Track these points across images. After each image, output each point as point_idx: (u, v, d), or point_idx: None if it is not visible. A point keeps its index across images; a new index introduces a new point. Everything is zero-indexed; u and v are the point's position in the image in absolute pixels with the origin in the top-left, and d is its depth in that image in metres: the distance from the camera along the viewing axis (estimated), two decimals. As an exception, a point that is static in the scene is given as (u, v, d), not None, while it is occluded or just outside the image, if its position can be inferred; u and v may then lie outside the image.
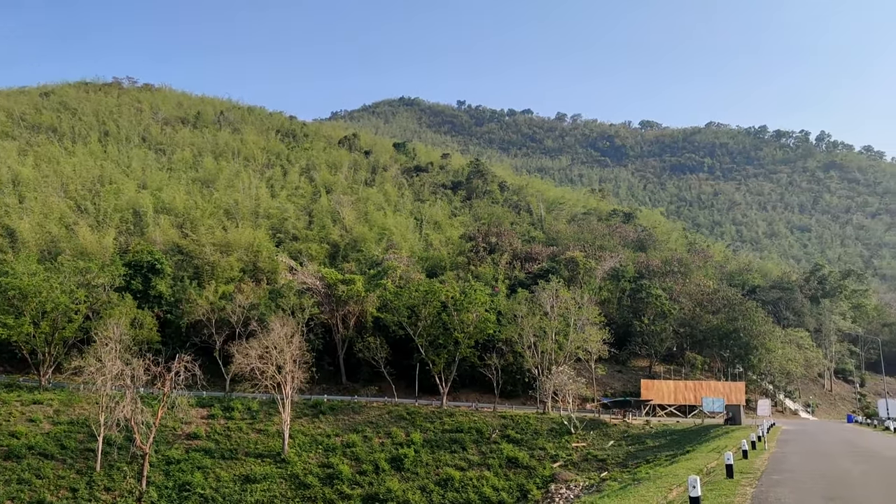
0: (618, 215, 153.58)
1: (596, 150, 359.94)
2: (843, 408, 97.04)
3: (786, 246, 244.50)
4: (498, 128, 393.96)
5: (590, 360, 74.81)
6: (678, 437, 57.03)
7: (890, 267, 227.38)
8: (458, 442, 58.76)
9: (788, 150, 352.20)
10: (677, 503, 17.51)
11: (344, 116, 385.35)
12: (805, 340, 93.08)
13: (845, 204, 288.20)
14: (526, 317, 70.19)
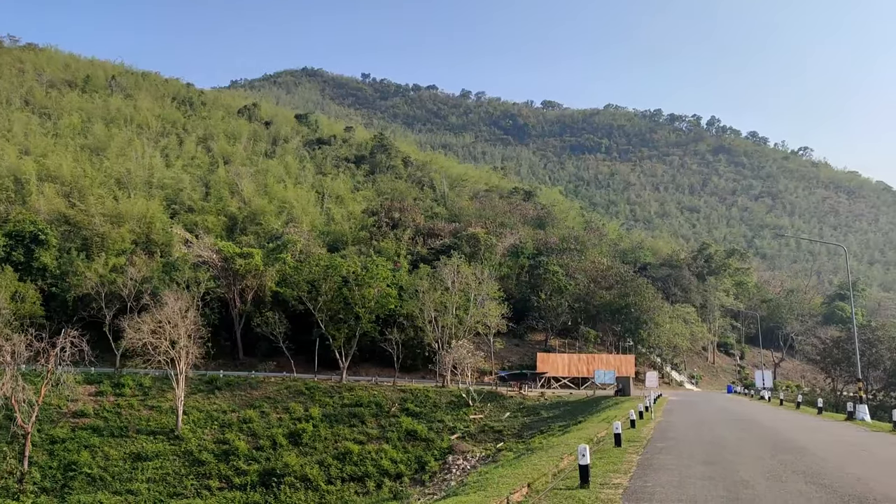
0: (519, 193, 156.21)
1: (499, 128, 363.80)
2: (724, 379, 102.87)
3: (676, 225, 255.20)
4: (403, 102, 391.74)
5: (489, 335, 76.26)
6: (571, 408, 59.06)
7: (770, 247, 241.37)
8: (358, 416, 58.93)
9: (681, 133, 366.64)
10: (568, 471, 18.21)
11: (244, 85, 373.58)
12: (691, 315, 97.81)
13: (732, 186, 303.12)
14: (427, 292, 70.73)
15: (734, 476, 15.44)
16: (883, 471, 16.41)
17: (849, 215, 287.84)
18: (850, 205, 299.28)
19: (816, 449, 21.03)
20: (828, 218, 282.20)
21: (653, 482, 14.88)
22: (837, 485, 14.06)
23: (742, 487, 13.89)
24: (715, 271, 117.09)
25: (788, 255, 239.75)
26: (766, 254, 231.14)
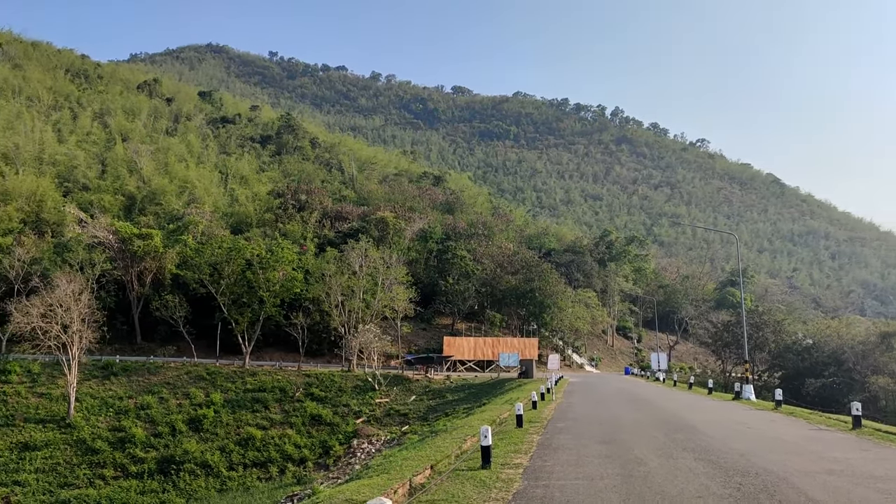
0: (428, 178, 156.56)
1: (409, 112, 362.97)
2: (622, 361, 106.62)
3: (580, 213, 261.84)
4: (311, 83, 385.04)
5: (396, 319, 76.29)
6: (476, 390, 59.92)
7: (667, 234, 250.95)
8: (261, 401, 57.95)
9: (587, 123, 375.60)
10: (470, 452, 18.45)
11: (144, 60, 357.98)
12: (592, 300, 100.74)
13: (633, 176, 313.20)
14: (334, 276, 70.07)
15: (629, 454, 16.02)
16: (764, 446, 17.39)
17: (741, 205, 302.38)
18: (742, 195, 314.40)
19: (705, 427, 22.07)
20: (722, 207, 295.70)
21: (552, 461, 15.28)
22: (723, 460, 14.81)
23: (636, 465, 14.43)
24: (615, 257, 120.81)
25: (685, 242, 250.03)
26: (663, 241, 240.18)
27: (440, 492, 12.39)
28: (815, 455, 15.81)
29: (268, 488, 44.59)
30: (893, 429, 23.25)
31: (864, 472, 13.34)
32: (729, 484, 12.11)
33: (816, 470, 13.56)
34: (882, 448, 17.33)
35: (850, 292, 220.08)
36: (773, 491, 11.41)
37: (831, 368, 62.05)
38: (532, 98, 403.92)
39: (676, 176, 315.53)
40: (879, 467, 14.06)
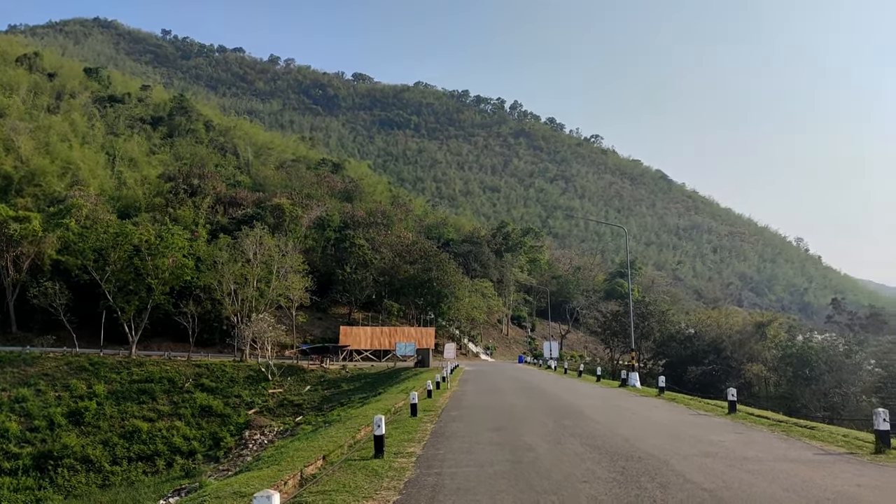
0: (327, 165, 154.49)
1: (309, 97, 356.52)
2: (516, 350, 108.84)
3: (478, 204, 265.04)
4: (206, 63, 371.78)
5: (291, 308, 75.06)
6: (372, 380, 59.76)
7: (561, 227, 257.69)
8: (148, 392, 55.79)
9: (486, 115, 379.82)
10: (364, 442, 18.36)
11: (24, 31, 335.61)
12: (489, 290, 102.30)
13: (530, 169, 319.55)
14: (227, 263, 68.16)
15: (519, 441, 16.33)
16: (647, 431, 18.12)
17: (631, 200, 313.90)
18: (632, 190, 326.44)
19: (593, 413, 22.80)
20: (613, 201, 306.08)
21: (444, 449, 15.38)
22: (608, 445, 15.32)
23: (525, 451, 14.72)
24: (512, 248, 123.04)
25: (578, 234, 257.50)
26: (558, 233, 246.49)
27: (331, 482, 12.25)
28: (693, 439, 16.59)
29: (154, 482, 43.02)
30: (764, 413, 24.76)
31: (737, 454, 14.10)
32: (614, 468, 12.52)
33: (694, 453, 14.23)
34: (753, 431, 18.39)
35: (730, 284, 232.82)
36: (655, 474, 11.88)
37: (711, 356, 65.43)
38: (433, 88, 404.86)
39: (571, 170, 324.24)
40: (750, 449, 14.90)
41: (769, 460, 13.44)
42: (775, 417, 22.59)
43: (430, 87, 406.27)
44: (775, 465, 12.91)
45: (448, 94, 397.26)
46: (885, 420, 14.77)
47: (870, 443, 15.35)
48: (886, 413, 14.97)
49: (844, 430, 19.80)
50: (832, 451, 14.95)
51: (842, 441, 16.31)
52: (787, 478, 11.58)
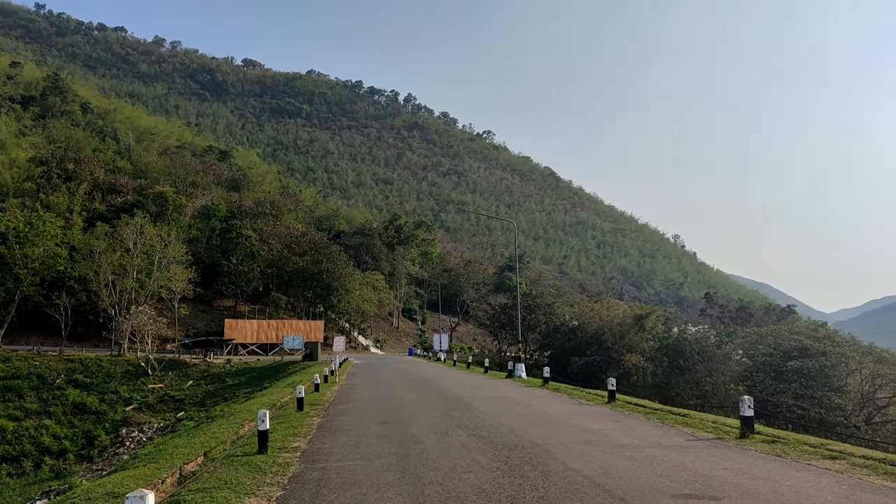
0: (213, 152, 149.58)
1: (195, 82, 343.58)
2: (407, 342, 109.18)
3: (371, 196, 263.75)
4: (85, 42, 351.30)
5: (173, 300, 72.21)
6: (258, 374, 58.47)
7: (453, 220, 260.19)
8: (14, 389, 52.32)
9: (380, 107, 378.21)
10: (247, 437, 17.91)
11: None
12: (380, 283, 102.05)
13: (423, 162, 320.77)
14: (105, 253, 64.73)
15: (407, 433, 16.37)
16: (531, 421, 18.57)
17: (521, 195, 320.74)
18: (522, 186, 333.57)
19: (479, 404, 23.14)
20: (504, 197, 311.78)
21: (331, 443, 15.23)
22: (494, 435, 15.59)
23: (413, 443, 14.77)
24: (404, 241, 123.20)
25: (469, 228, 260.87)
26: (449, 227, 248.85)
27: (212, 479, 11.87)
28: (575, 428, 17.12)
29: (20, 485, 40.44)
30: (641, 401, 25.88)
31: (615, 442, 14.66)
32: (498, 457, 12.75)
33: (575, 441, 14.70)
34: (631, 419, 19.18)
35: (612, 278, 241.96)
36: (537, 462, 12.17)
37: (593, 347, 67.73)
38: (326, 78, 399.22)
39: (464, 165, 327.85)
40: (627, 436, 15.53)
41: (645, 447, 14.04)
42: (651, 406, 23.64)
43: (323, 76, 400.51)
44: (651, 451, 13.50)
45: (341, 84, 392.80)
46: (749, 407, 15.72)
47: (736, 428, 16.29)
48: (751, 400, 15.93)
49: (714, 417, 20.96)
50: (702, 436, 15.77)
51: (711, 427, 17.24)
52: (661, 463, 12.12)
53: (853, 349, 56.29)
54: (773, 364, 53.59)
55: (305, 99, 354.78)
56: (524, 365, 43.15)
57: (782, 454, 13.22)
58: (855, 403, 51.07)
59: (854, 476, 11.18)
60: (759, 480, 10.71)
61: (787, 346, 55.19)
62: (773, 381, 51.74)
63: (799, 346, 53.75)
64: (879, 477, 11.10)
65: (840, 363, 51.89)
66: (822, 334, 61.35)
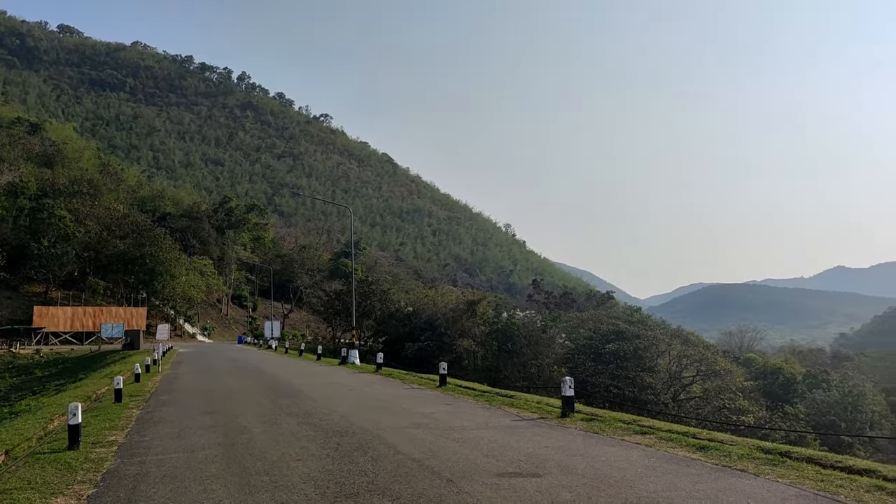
0: (23, 124, 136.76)
1: (2, 47, 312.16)
2: (236, 330, 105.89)
3: (200, 177, 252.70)
4: None
5: (-27, 285, 65.68)
6: (72, 365, 54.49)
7: (288, 205, 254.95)
8: None
9: (211, 84, 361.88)
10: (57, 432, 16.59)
11: None
12: (208, 268, 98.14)
13: (257, 143, 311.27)
14: None
15: (233, 423, 15.86)
16: (363, 407, 18.58)
17: (358, 181, 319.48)
18: (359, 172, 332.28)
19: (311, 392, 22.87)
20: (341, 182, 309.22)
21: (151, 436, 14.45)
22: (325, 423, 15.43)
23: (239, 433, 14.32)
24: (235, 225, 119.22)
25: (304, 213, 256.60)
26: (284, 211, 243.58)
27: (14, 479, 10.87)
28: (406, 412, 17.31)
29: None
30: (471, 384, 26.66)
31: (445, 425, 14.96)
32: (328, 444, 12.62)
33: (406, 425, 14.85)
34: (461, 402, 19.68)
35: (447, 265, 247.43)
36: (368, 448, 12.18)
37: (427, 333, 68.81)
38: (153, 50, 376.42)
39: (300, 148, 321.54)
40: (457, 419, 15.91)
41: (473, 428, 14.44)
42: (481, 388, 24.40)
43: (149, 48, 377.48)
44: (478, 432, 13.90)
45: (170, 59, 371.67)
46: (570, 387, 16.58)
47: (558, 408, 17.13)
48: (572, 381, 16.82)
49: (538, 398, 21.93)
50: (527, 416, 16.46)
51: (535, 407, 18.03)
52: (487, 444, 12.51)
53: (663, 332, 61.08)
54: (593, 347, 56.95)
55: (130, 72, 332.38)
56: (358, 351, 43.15)
57: (599, 431, 14.05)
58: (664, 382, 55.41)
59: (661, 449, 12.08)
60: (577, 456, 11.31)
61: (605, 329, 58.81)
62: (593, 362, 55.00)
63: (616, 330, 57.44)
64: (682, 449, 12.07)
65: (652, 345, 56.04)
66: (636, 319, 66.06)
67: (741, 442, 12.59)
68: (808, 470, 10.11)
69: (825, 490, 8.98)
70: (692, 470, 10.32)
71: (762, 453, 11.36)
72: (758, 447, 11.96)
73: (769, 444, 12.68)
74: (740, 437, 14.25)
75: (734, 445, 12.08)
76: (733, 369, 61.90)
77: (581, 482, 9.41)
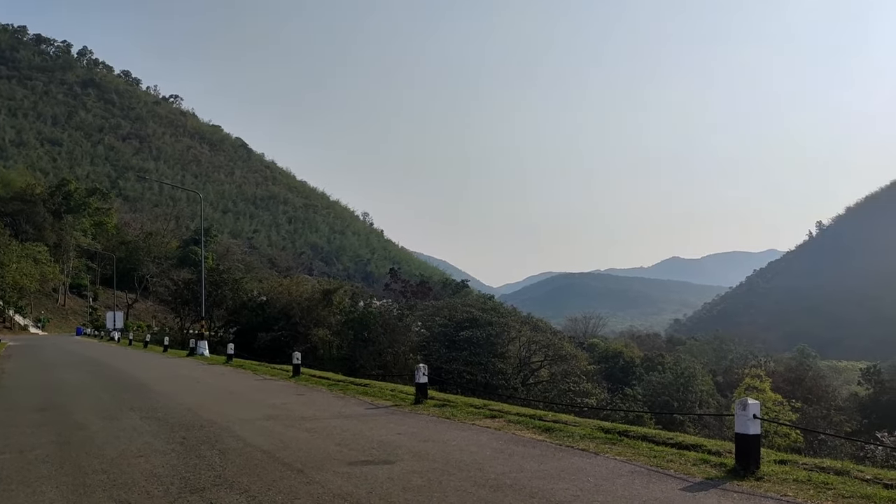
0: None
1: None
2: (75, 321, 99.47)
3: (35, 157, 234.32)
4: None
5: None
6: None
7: (133, 189, 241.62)
8: None
9: (48, 58, 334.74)
10: None
11: None
12: (43, 255, 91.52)
13: (100, 123, 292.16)
14: None
15: (69, 420, 14.91)
16: (211, 399, 18.01)
17: (210, 166, 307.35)
18: (211, 156, 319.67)
19: (156, 385, 21.88)
20: (191, 166, 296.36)
21: (-30, 438, 13.29)
22: (170, 417, 14.82)
23: (76, 430, 13.48)
24: (74, 210, 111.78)
25: (151, 198, 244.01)
26: (129, 196, 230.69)
27: None
28: (257, 403, 16.95)
29: None
30: (326, 374, 26.49)
31: (297, 415, 14.78)
32: (173, 439, 12.14)
33: (257, 417, 14.54)
34: (314, 392, 19.52)
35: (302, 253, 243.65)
36: (215, 441, 11.81)
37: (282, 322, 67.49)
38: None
39: (147, 129, 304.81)
40: (310, 409, 15.76)
41: (326, 418, 14.36)
42: (335, 377, 24.29)
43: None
44: (331, 422, 13.84)
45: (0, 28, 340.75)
46: (423, 374, 16.84)
47: (411, 395, 17.35)
48: (425, 368, 17.09)
49: (393, 385, 22.12)
50: (381, 405, 16.56)
51: (389, 395, 18.18)
52: (340, 433, 12.48)
53: (514, 319, 63.22)
54: (448, 334, 58.06)
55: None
56: (207, 342, 41.79)
57: (451, 416, 14.37)
58: (514, 367, 57.40)
59: (510, 432, 12.53)
60: (429, 442, 11.51)
61: (460, 317, 60.08)
62: (448, 349, 56.06)
63: (470, 318, 58.82)
64: (529, 431, 12.57)
65: (503, 332, 57.88)
66: (489, 306, 67.91)
67: (584, 423, 13.27)
68: (643, 447, 10.82)
69: (657, 465, 9.65)
70: (538, 451, 10.77)
71: (602, 433, 12.04)
72: (599, 427, 12.67)
73: (609, 424, 13.48)
74: (584, 418, 15.02)
75: (577, 426, 12.72)
76: (578, 354, 65.08)
77: (432, 467, 9.59)
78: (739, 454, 9.20)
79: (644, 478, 8.96)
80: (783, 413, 53.33)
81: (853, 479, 8.57)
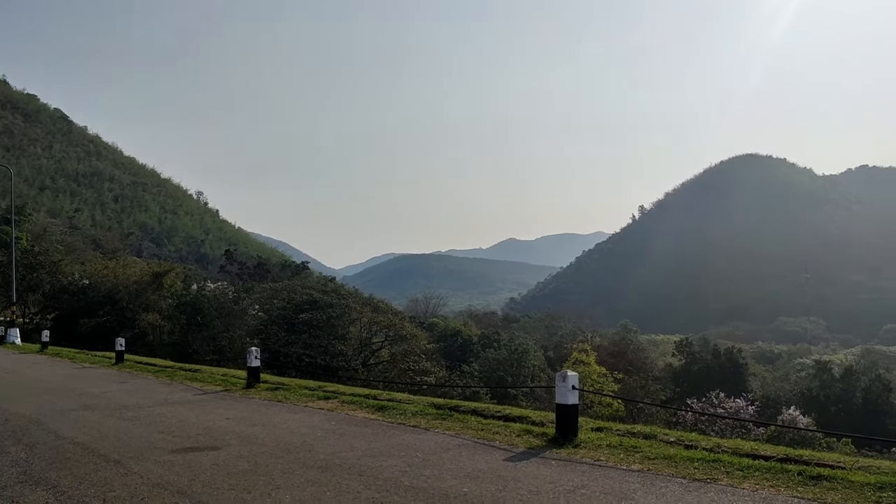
0: None
1: None
2: None
3: None
4: None
5: None
6: None
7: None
8: None
9: None
10: None
11: None
12: None
13: None
14: None
15: None
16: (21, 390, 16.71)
17: (24, 138, 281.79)
18: (25, 128, 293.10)
19: (-43, 377, 19.97)
20: (2, 138, 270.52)
21: None
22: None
23: None
24: None
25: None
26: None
27: None
28: (74, 393, 15.89)
29: None
30: (152, 360, 25.28)
31: (118, 404, 13.99)
32: (-27, 435, 11.13)
33: (72, 407, 13.62)
34: (139, 379, 18.57)
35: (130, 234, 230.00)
36: (23, 435, 10.96)
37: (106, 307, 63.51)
38: None
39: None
40: (132, 397, 14.98)
41: (150, 406, 13.70)
42: (162, 364, 23.23)
43: None
44: (155, 409, 13.22)
45: None
46: (256, 358, 16.47)
47: (243, 379, 16.92)
48: (258, 351, 16.72)
49: (225, 370, 21.49)
50: (211, 390, 16.03)
51: (220, 381, 17.63)
52: (164, 420, 11.95)
53: (356, 300, 63.04)
54: (287, 317, 57.01)
55: None
56: (19, 329, 38.65)
57: (284, 399, 14.16)
58: (355, 349, 57.36)
59: (343, 412, 12.53)
60: (259, 426, 11.28)
61: (299, 299, 59.12)
62: (286, 332, 55.07)
63: (310, 300, 58.04)
64: (363, 410, 12.64)
65: (344, 314, 57.61)
66: (330, 288, 67.24)
67: (416, 400, 13.52)
68: (472, 421, 11.19)
69: (484, 438, 10.03)
70: (369, 430, 10.85)
71: (434, 409, 12.32)
72: (431, 404, 12.96)
73: (441, 401, 13.81)
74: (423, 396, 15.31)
75: (410, 404, 12.94)
76: (418, 334, 66.03)
77: (260, 451, 9.42)
78: (560, 423, 9.74)
79: (470, 450, 9.28)
80: (607, 384, 57.02)
81: (659, 442, 9.37)
